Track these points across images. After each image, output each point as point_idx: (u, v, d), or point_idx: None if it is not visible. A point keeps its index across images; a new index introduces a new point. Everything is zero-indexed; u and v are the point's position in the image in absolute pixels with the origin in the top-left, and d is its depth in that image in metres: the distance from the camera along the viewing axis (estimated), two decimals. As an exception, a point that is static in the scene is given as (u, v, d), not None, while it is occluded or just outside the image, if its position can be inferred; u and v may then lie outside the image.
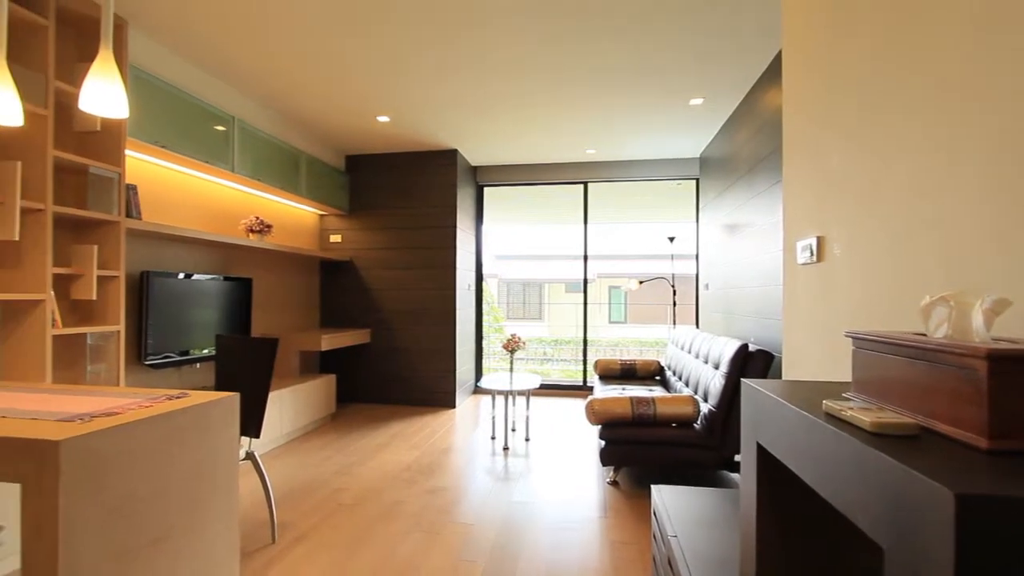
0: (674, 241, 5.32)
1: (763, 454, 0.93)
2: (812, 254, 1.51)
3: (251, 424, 2.17)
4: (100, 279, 2.52)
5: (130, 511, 1.23)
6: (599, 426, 2.95)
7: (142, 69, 2.78)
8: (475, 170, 5.67)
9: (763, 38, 2.79)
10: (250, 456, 2.24)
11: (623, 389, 3.71)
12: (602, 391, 3.71)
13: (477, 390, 5.76)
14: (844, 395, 0.84)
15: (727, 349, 2.88)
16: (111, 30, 1.41)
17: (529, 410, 4.00)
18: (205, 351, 3.36)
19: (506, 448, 3.68)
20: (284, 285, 4.54)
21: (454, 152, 4.99)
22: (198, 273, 3.37)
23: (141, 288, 2.92)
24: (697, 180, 5.30)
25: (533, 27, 2.72)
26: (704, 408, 2.92)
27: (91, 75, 1.38)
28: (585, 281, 5.69)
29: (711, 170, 4.64)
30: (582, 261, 5.67)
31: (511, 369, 4.05)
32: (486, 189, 5.84)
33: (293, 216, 4.67)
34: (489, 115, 4.06)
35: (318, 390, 4.17)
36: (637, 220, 7.29)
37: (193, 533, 1.42)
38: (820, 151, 1.50)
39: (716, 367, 2.99)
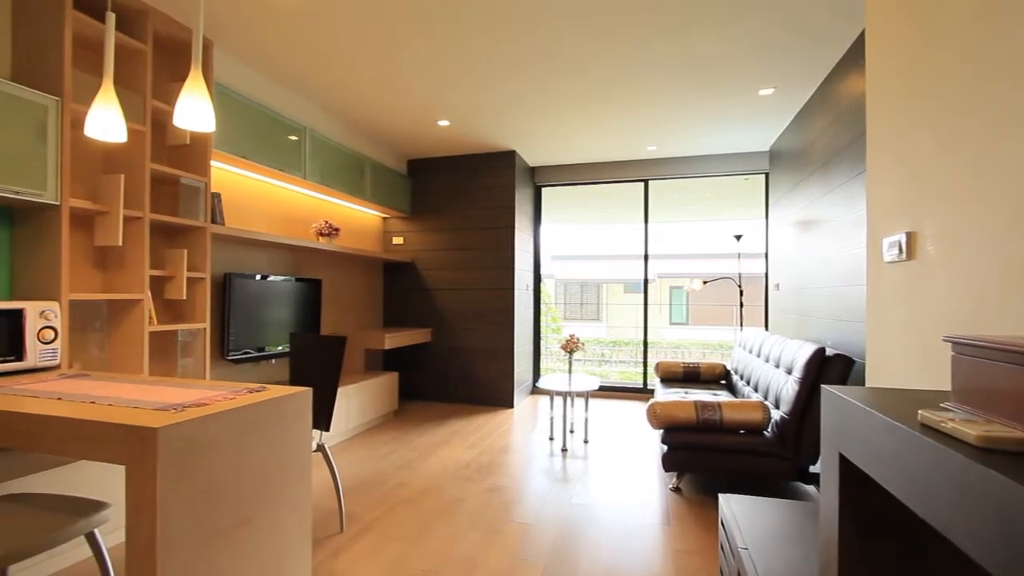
0: (741, 239, 5.08)
1: (846, 466, 0.86)
2: (901, 251, 1.39)
3: (322, 418, 2.28)
4: (189, 280, 2.74)
5: (217, 494, 1.32)
6: (661, 430, 2.87)
7: (225, 86, 3.00)
8: (533, 171, 5.68)
9: (840, 20, 2.61)
10: (320, 448, 2.35)
11: (686, 393, 3.58)
12: (664, 394, 3.60)
13: (535, 390, 5.76)
14: (942, 405, 0.77)
15: (801, 353, 2.72)
16: (200, 52, 1.52)
17: (588, 412, 3.95)
18: (279, 348, 3.57)
19: (564, 449, 3.65)
20: (350, 285, 4.75)
21: (512, 153, 5.03)
22: (273, 274, 3.59)
23: (224, 289, 3.14)
24: (766, 175, 5.04)
25: (593, 25, 2.69)
26: (775, 415, 2.77)
27: (184, 93, 1.50)
28: (646, 281, 5.55)
29: (782, 164, 4.40)
30: (642, 261, 5.54)
31: (569, 370, 4.02)
32: (544, 190, 5.84)
33: (358, 219, 4.87)
34: (548, 115, 4.05)
35: (382, 387, 4.32)
36: (700, 218, 7.03)
37: (271, 518, 1.51)
38: (911, 137, 1.38)
39: (789, 372, 2.82)
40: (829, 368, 2.58)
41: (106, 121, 1.70)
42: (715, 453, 2.73)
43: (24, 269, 2.21)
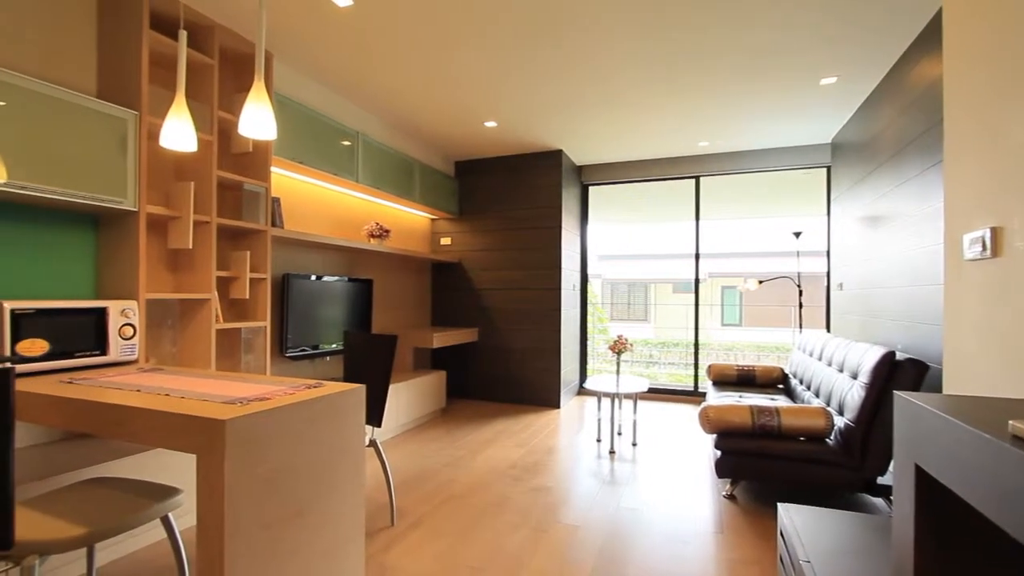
0: (800, 237, 4.84)
1: (923, 479, 0.80)
2: (985, 248, 1.29)
3: (374, 413, 2.35)
4: (251, 281, 2.88)
5: (278, 484, 1.39)
6: (714, 435, 2.77)
7: (284, 95, 3.14)
8: (580, 170, 5.63)
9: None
10: (372, 443, 2.42)
11: (740, 397, 3.45)
12: (716, 398, 3.49)
13: (581, 391, 5.71)
14: (1037, 416, 0.70)
15: (869, 357, 2.56)
16: (263, 64, 1.60)
17: (636, 414, 3.88)
18: (333, 345, 3.71)
19: (612, 452, 3.60)
20: (399, 285, 4.87)
21: (559, 153, 5.00)
22: (327, 275, 3.73)
23: (282, 288, 3.30)
24: (828, 168, 4.78)
25: (647, 20, 2.63)
26: (839, 422, 2.62)
27: (248, 104, 1.59)
28: (697, 281, 5.39)
29: (845, 156, 4.16)
30: (693, 260, 5.38)
31: (617, 371, 3.96)
32: (591, 188, 5.78)
33: (407, 221, 4.99)
34: (596, 113, 4.01)
35: (430, 385, 4.40)
36: (755, 215, 6.76)
37: (327, 510, 1.57)
38: (997, 123, 1.27)
39: (854, 376, 2.67)
40: (900, 373, 2.42)
41: (179, 132, 1.82)
42: (772, 460, 2.61)
43: (107, 270, 2.40)
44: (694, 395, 5.37)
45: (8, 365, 1.15)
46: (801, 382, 3.59)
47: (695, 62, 3.10)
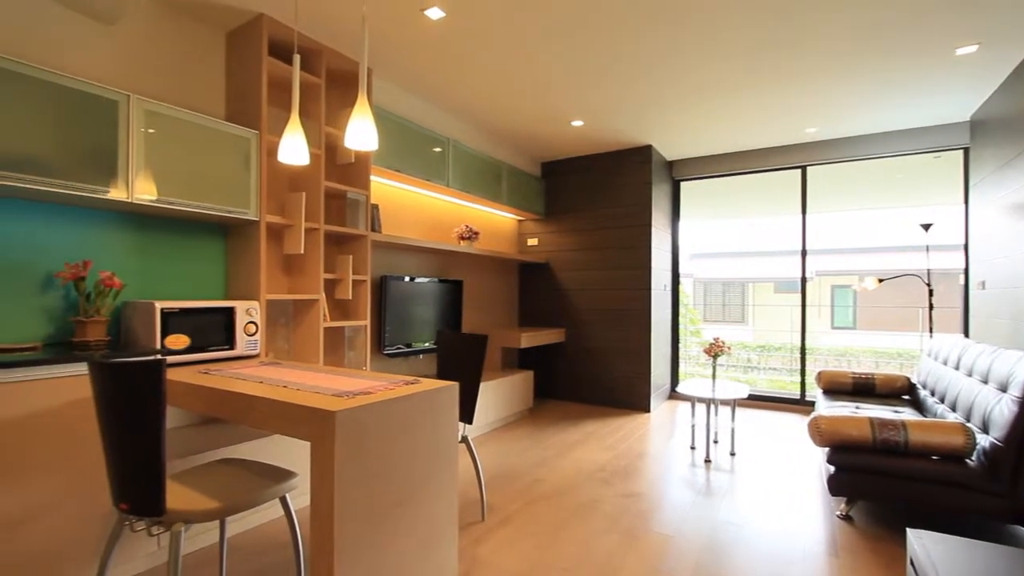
0: (929, 229, 4.29)
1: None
2: None
3: (465, 411, 2.42)
4: (354, 282, 3.10)
5: (381, 474, 1.47)
6: (826, 449, 2.53)
7: (381, 107, 3.34)
8: (671, 165, 5.41)
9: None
10: (464, 440, 2.49)
11: (857, 408, 3.12)
12: (828, 407, 3.18)
13: (673, 395, 5.49)
14: None
15: (1022, 366, 2.20)
16: (366, 81, 1.71)
17: (734, 422, 3.65)
18: (425, 344, 3.88)
19: (708, 460, 3.42)
20: (488, 286, 4.98)
21: (648, 148, 4.85)
22: (420, 276, 3.91)
23: (380, 289, 3.51)
24: (965, 150, 4.19)
25: (748, 3, 2.47)
26: (983, 441, 2.28)
27: (352, 118, 1.71)
28: (803, 280, 4.96)
29: (989, 135, 3.62)
30: (799, 257, 4.96)
31: (713, 376, 3.75)
32: (683, 184, 5.53)
33: (495, 222, 5.09)
34: (689, 105, 3.83)
35: (518, 385, 4.46)
36: (872, 206, 6.09)
37: (424, 501, 1.64)
38: None
39: (1002, 389, 2.31)
40: (1064, 387, 2.06)
41: (294, 148, 2.00)
42: (897, 480, 2.33)
43: (233, 274, 2.69)
44: (800, 404, 4.95)
45: (160, 357, 1.33)
46: (932, 393, 3.18)
47: (807, 43, 2.86)
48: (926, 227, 4.33)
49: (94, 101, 1.99)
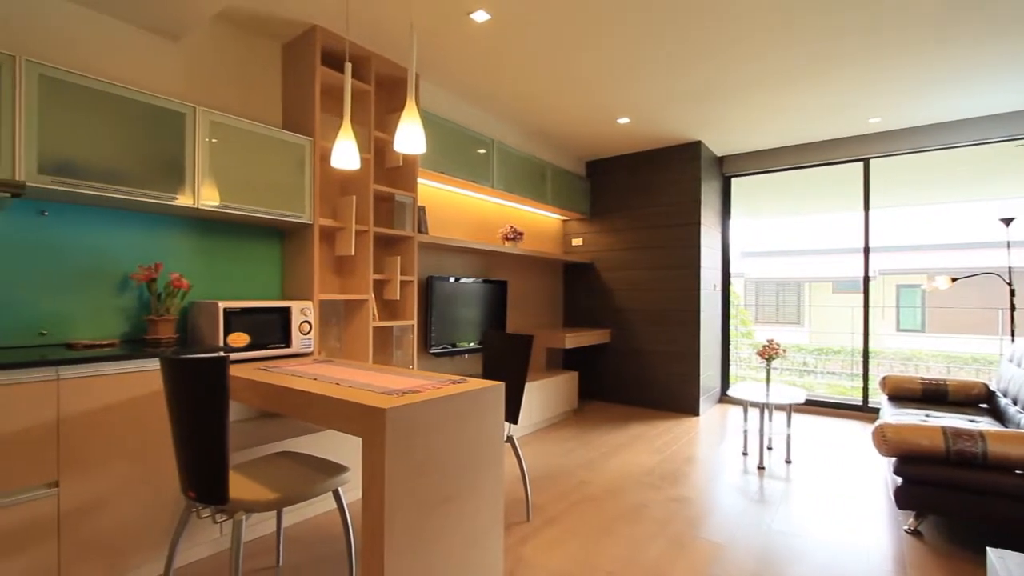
0: (1012, 224, 3.96)
1: None
2: None
3: (511, 410, 2.43)
4: (401, 283, 3.17)
5: (429, 471, 1.50)
6: (892, 459, 2.38)
7: (426, 110, 3.40)
8: (721, 161, 5.24)
9: None
10: (509, 439, 2.50)
11: (927, 416, 2.92)
12: (894, 415, 2.99)
13: (724, 399, 5.31)
14: None
15: (1120, 375, 2.00)
16: (415, 87, 1.75)
17: (790, 427, 3.49)
18: (470, 344, 3.92)
19: (761, 467, 3.28)
20: (532, 286, 4.98)
21: (697, 144, 4.71)
22: (464, 277, 3.95)
23: (426, 290, 3.57)
24: (1052, 138, 3.83)
25: (796, -12, 2.37)
26: (1074, 455, 2.08)
27: (402, 122, 1.75)
28: (866, 279, 4.68)
29: (1080, 121, 3.30)
30: (861, 255, 4.69)
31: (767, 379, 3.60)
32: (733, 180, 5.34)
33: (539, 223, 5.08)
34: (741, 99, 3.70)
35: (562, 385, 4.43)
36: (943, 200, 5.68)
37: (470, 498, 1.66)
38: None
39: (1097, 399, 2.10)
40: None
41: (346, 153, 2.06)
42: (974, 495, 2.16)
43: (289, 275, 2.81)
44: (862, 410, 4.68)
45: (224, 354, 1.40)
46: (1015, 402, 2.93)
47: (883, 30, 2.70)
48: (1007, 221, 3.99)
49: (164, 114, 2.13)
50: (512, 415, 2.43)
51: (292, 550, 2.18)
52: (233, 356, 2.32)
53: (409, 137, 1.74)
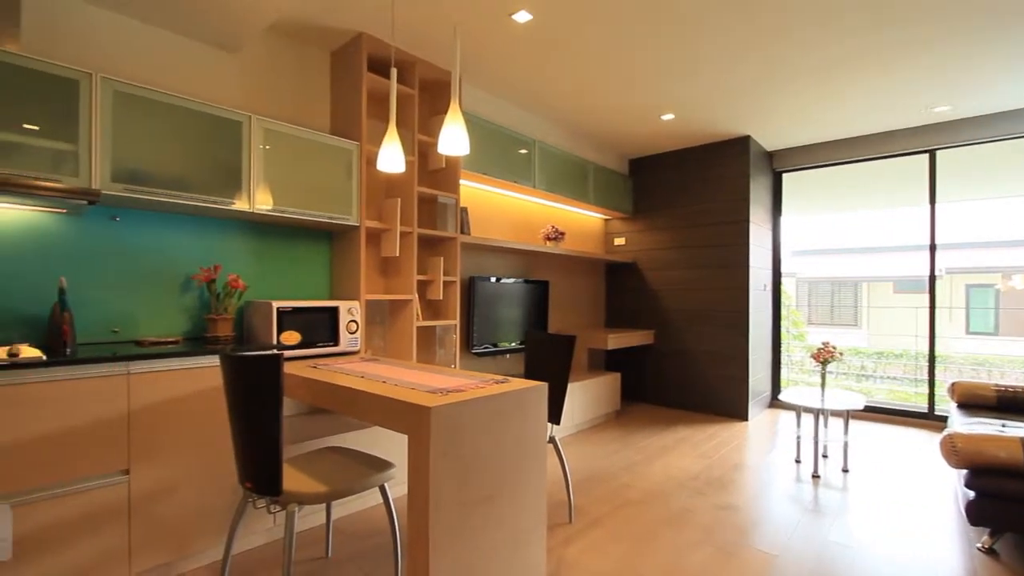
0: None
1: None
2: None
3: (553, 411, 2.42)
4: (444, 283, 3.21)
5: (473, 468, 1.51)
6: (963, 471, 2.22)
7: (468, 111, 3.43)
8: (771, 156, 5.04)
9: None
10: (552, 440, 2.49)
11: (1003, 426, 2.71)
12: (965, 424, 2.79)
13: (774, 403, 5.11)
14: None
15: None
16: (459, 90, 1.77)
17: (847, 435, 3.32)
18: (512, 343, 3.93)
19: (816, 476, 3.14)
20: (574, 286, 4.95)
21: (746, 139, 4.55)
22: (506, 277, 3.97)
23: (468, 290, 3.61)
24: None
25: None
26: None
27: (446, 125, 1.77)
28: (932, 278, 4.40)
29: None
30: (926, 252, 4.40)
31: (823, 384, 3.44)
32: (785, 176, 5.13)
33: (581, 222, 5.04)
34: (794, 91, 3.54)
35: (605, 387, 4.38)
36: (1020, 193, 5.25)
37: (513, 497, 1.66)
38: None
39: None
40: None
41: (392, 157, 2.11)
42: (1059, 513, 1.99)
43: (337, 275, 2.90)
44: (928, 418, 4.40)
45: (278, 352, 1.46)
46: (1106, 413, 2.67)
47: (950, 17, 2.53)
48: (1096, 215, 3.65)
49: (222, 123, 2.24)
50: (555, 416, 2.42)
51: (340, 542, 2.24)
52: (285, 354, 2.41)
53: (453, 139, 1.77)
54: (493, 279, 3.80)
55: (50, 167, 1.80)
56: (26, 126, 1.77)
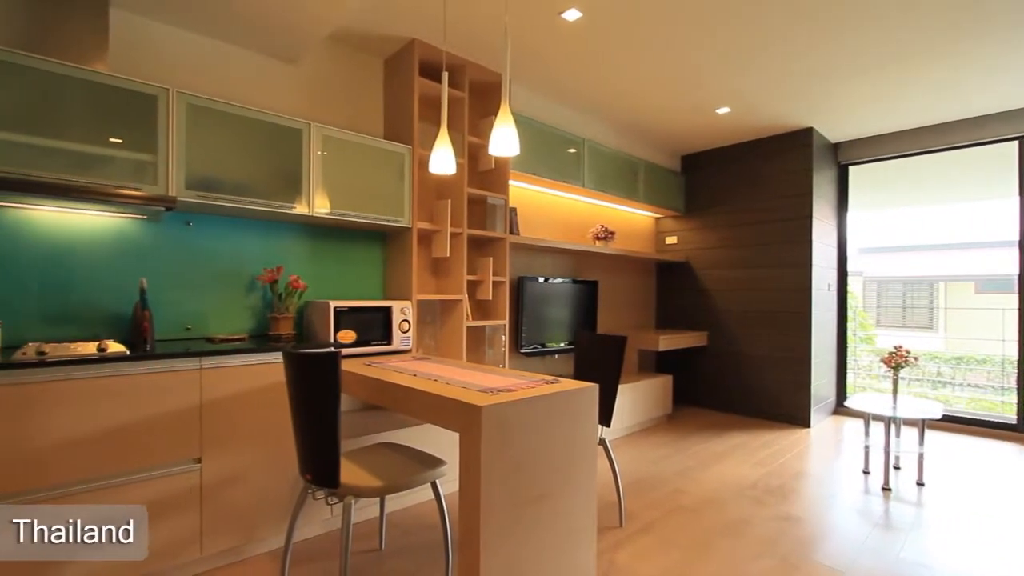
0: None
1: None
2: None
3: (604, 413, 2.38)
4: (493, 284, 3.23)
5: (524, 468, 1.51)
6: (1061, 489, 2.02)
7: (518, 112, 3.44)
8: (835, 148, 4.76)
9: None
10: (602, 442, 2.46)
11: (1109, 441, 2.44)
12: (1062, 438, 2.53)
13: (839, 410, 4.82)
14: None
15: None
16: (509, 91, 1.78)
17: (923, 446, 3.09)
18: (560, 344, 3.91)
19: (886, 488, 2.94)
20: (624, 286, 4.86)
21: (808, 131, 4.32)
22: (555, 277, 3.95)
23: (517, 290, 3.61)
24: None
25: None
26: None
27: (496, 126, 1.79)
28: (1022, 277, 4.02)
29: None
30: (1015, 249, 4.03)
31: (895, 390, 3.22)
32: (851, 169, 4.83)
33: (631, 221, 4.94)
34: (863, 79, 3.33)
35: (656, 389, 4.28)
36: None
37: (563, 498, 1.65)
38: None
39: None
40: None
41: (443, 159, 2.15)
42: None
43: (390, 276, 2.99)
44: (1016, 430, 4.02)
45: (336, 349, 1.52)
46: None
47: (1020, -15, 2.32)
48: None
49: (284, 131, 2.35)
50: (605, 417, 2.38)
51: (394, 535, 2.31)
52: (342, 352, 2.50)
53: (503, 140, 1.78)
54: (542, 279, 3.79)
55: (132, 176, 1.95)
56: (112, 139, 1.92)
